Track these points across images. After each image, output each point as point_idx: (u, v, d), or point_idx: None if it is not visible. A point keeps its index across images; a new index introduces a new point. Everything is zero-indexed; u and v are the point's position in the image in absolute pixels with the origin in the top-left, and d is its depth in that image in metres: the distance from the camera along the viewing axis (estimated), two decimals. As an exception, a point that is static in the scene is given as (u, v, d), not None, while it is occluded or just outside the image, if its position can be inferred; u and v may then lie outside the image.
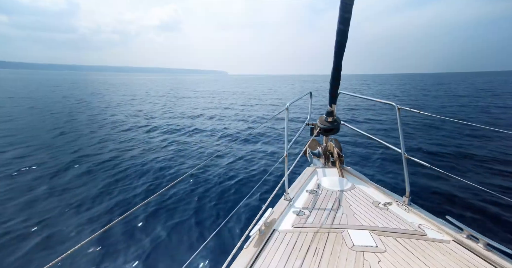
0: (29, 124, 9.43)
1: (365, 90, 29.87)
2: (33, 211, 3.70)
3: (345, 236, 1.43)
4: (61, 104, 15.13)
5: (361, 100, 16.00)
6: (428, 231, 1.48)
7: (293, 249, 1.33)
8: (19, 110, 12.50)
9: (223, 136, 8.27)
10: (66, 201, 3.96)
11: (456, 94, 21.04)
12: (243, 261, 1.26)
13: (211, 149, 6.78)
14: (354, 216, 1.65)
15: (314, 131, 2.80)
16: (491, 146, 6.37)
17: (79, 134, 8.26)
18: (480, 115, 10.89)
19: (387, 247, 1.34)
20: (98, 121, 10.42)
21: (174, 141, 7.57)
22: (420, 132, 7.97)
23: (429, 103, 15.92)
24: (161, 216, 3.57)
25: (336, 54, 1.88)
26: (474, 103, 14.72)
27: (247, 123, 10.36)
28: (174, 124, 9.97)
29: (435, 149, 6.33)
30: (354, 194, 1.97)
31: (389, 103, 2.09)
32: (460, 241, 1.39)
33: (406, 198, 1.80)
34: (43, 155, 6.09)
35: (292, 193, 1.96)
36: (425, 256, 1.27)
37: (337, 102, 2.44)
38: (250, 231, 1.42)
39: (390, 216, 1.65)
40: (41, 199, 4.02)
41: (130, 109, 13.78)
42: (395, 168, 5.13)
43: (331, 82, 2.20)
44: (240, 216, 3.51)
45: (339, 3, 1.56)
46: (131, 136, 8.15)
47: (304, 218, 1.63)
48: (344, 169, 2.45)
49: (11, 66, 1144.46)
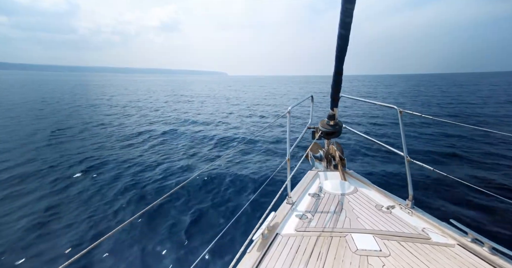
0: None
1: (378, 94, 26.75)
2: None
3: (349, 240, 1.42)
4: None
5: (362, 103, 16.01)
6: (432, 235, 1.47)
7: (297, 253, 1.33)
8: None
9: (224, 140, 8.28)
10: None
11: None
12: (246, 265, 1.25)
13: (212, 154, 6.79)
14: (357, 219, 1.64)
15: (316, 134, 2.80)
16: (495, 149, 6.33)
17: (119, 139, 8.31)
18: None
19: (391, 251, 1.33)
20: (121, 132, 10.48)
21: (174, 144, 7.59)
22: (422, 136, 7.95)
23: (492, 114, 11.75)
24: (163, 221, 3.57)
25: (337, 58, 1.90)
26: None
27: (249, 127, 10.38)
28: (174, 129, 10.01)
29: (438, 152, 6.30)
30: (357, 197, 1.97)
31: (391, 106, 2.09)
32: (465, 245, 1.38)
33: (409, 201, 1.79)
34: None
35: (294, 197, 1.95)
36: (429, 260, 1.26)
37: (338, 106, 2.45)
38: (253, 235, 1.42)
39: (394, 220, 1.64)
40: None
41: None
42: (397, 171, 5.11)
43: (332, 85, 2.21)
44: (243, 220, 3.49)
45: (340, 8, 1.57)
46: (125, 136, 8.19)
47: (307, 221, 1.63)
48: (346, 172, 2.44)
49: (10, 67, 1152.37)
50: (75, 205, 4.02)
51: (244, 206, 2.10)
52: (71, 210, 3.86)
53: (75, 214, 3.75)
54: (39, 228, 3.42)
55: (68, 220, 3.60)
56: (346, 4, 1.49)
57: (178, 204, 3.98)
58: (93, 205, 3.98)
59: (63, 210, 3.86)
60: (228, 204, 3.99)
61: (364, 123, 10.49)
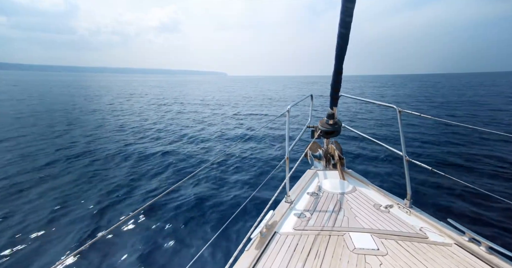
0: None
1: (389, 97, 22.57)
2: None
3: (347, 239, 1.43)
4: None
5: (362, 102, 16.01)
6: (429, 234, 1.48)
7: (294, 252, 1.33)
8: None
9: (223, 138, 8.28)
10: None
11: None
12: (244, 263, 1.26)
13: (211, 152, 6.79)
14: (355, 218, 1.65)
15: (315, 133, 2.81)
16: (493, 149, 6.35)
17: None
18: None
19: (389, 250, 1.34)
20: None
21: (171, 143, 7.58)
22: (421, 135, 7.96)
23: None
24: (162, 219, 3.57)
25: (337, 57, 1.90)
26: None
27: (248, 126, 10.38)
28: (171, 129, 10.00)
29: (436, 152, 6.32)
30: (355, 196, 1.97)
31: (390, 106, 2.10)
32: (462, 244, 1.38)
33: (408, 201, 1.80)
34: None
35: (293, 196, 1.95)
36: (427, 259, 1.27)
37: (338, 105, 2.45)
38: (251, 234, 1.42)
39: (392, 219, 1.64)
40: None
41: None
42: (396, 171, 5.12)
43: (332, 85, 2.21)
44: (242, 218, 3.50)
45: (340, 7, 1.57)
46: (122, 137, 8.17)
47: (305, 220, 1.63)
48: (345, 171, 2.45)
49: (9, 67, 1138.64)
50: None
51: (242, 204, 2.10)
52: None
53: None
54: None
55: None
56: (347, 3, 1.49)
57: (175, 203, 3.97)
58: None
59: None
60: (226, 202, 4.00)
61: (363, 123, 10.49)
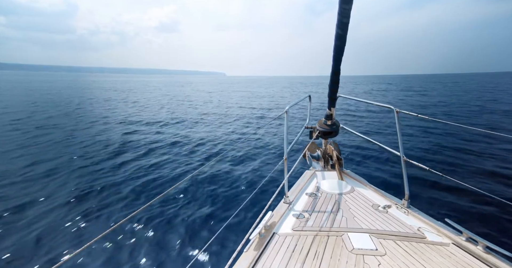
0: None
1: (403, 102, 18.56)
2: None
3: (345, 239, 1.43)
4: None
5: (360, 103, 16.07)
6: (427, 234, 1.48)
7: (293, 252, 1.33)
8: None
9: (221, 139, 8.26)
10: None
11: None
12: (243, 264, 1.25)
13: (209, 153, 6.77)
14: (354, 219, 1.65)
15: (313, 134, 2.81)
16: (489, 149, 6.40)
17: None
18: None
19: (387, 250, 1.34)
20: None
21: (170, 144, 7.56)
22: (419, 136, 8.01)
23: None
24: (160, 220, 3.55)
25: (334, 58, 1.91)
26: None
27: (246, 127, 10.37)
28: (168, 131, 9.97)
29: (434, 152, 6.36)
30: (354, 197, 1.98)
31: (388, 106, 2.11)
32: (460, 244, 1.39)
33: (405, 201, 1.81)
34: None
35: (291, 196, 1.96)
36: (424, 259, 1.27)
37: (336, 106, 2.46)
38: (250, 235, 1.42)
39: (390, 219, 1.65)
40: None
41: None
42: (394, 171, 5.14)
43: (330, 85, 2.22)
44: (240, 219, 3.49)
45: (338, 8, 1.58)
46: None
47: (304, 221, 1.63)
48: (343, 172, 2.46)
49: (6, 67, 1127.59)
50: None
51: (241, 206, 2.10)
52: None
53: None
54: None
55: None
56: (343, 4, 1.50)
57: (173, 204, 3.96)
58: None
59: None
60: (224, 204, 3.99)
61: (361, 123, 10.53)
